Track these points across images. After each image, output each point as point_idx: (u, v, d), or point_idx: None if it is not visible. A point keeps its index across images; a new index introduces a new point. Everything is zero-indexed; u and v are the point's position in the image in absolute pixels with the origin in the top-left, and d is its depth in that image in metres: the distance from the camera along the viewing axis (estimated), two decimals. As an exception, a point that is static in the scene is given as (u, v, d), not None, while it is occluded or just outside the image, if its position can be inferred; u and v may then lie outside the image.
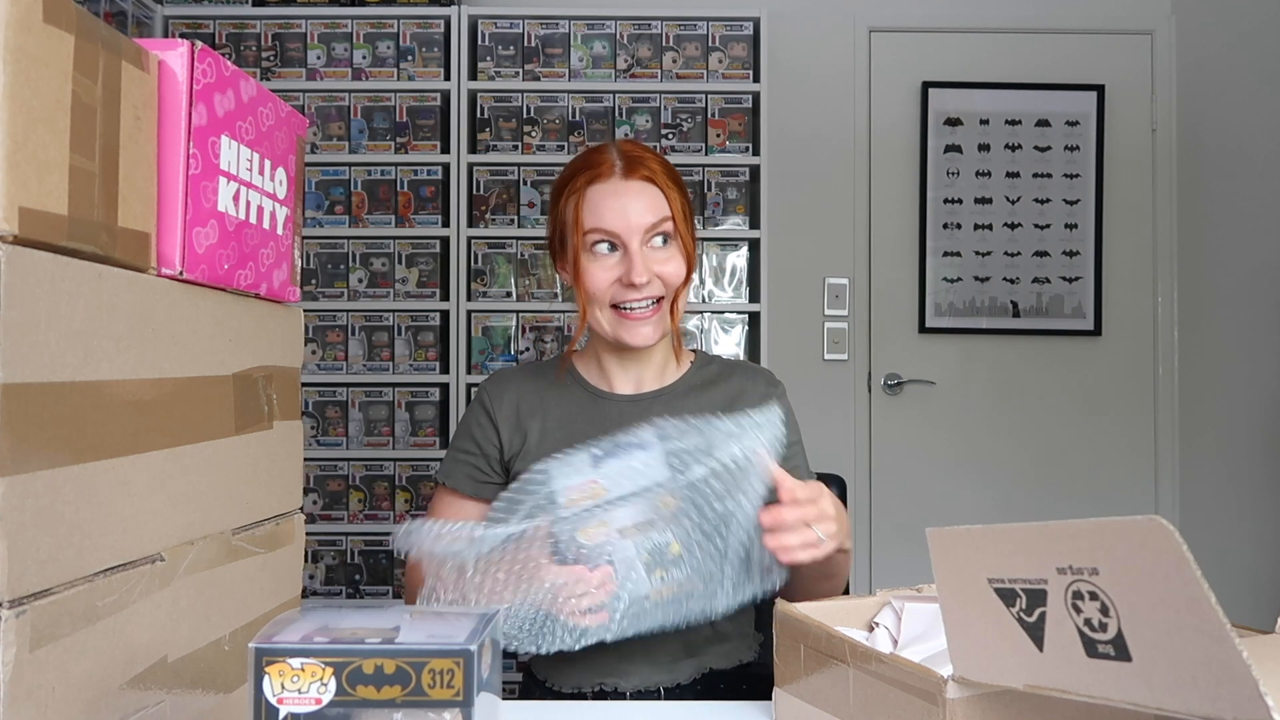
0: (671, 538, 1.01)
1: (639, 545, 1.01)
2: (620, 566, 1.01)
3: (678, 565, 1.02)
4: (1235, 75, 3.21)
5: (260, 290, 0.86)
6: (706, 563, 1.02)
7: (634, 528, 1.01)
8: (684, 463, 1.01)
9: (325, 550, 2.93)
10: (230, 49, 2.99)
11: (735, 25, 3.03)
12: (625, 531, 1.01)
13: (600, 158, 1.23)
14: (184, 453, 0.74)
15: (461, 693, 0.59)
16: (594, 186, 1.20)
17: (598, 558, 1.00)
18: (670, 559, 1.02)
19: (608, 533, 1.00)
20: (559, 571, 0.99)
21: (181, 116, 0.72)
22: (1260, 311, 3.13)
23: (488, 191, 3.01)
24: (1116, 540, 0.55)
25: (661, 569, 1.02)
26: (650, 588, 1.02)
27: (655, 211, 1.20)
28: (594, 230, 1.20)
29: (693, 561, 1.02)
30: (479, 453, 1.29)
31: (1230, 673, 0.50)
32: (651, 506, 1.01)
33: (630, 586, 1.01)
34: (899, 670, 0.73)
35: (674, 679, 1.22)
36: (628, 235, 1.19)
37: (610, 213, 1.19)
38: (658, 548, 1.01)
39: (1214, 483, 3.24)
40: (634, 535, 1.01)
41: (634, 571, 1.01)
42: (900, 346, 3.30)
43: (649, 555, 1.02)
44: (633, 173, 1.20)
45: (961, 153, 3.30)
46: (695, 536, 1.02)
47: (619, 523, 1.00)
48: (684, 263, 1.22)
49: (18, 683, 0.56)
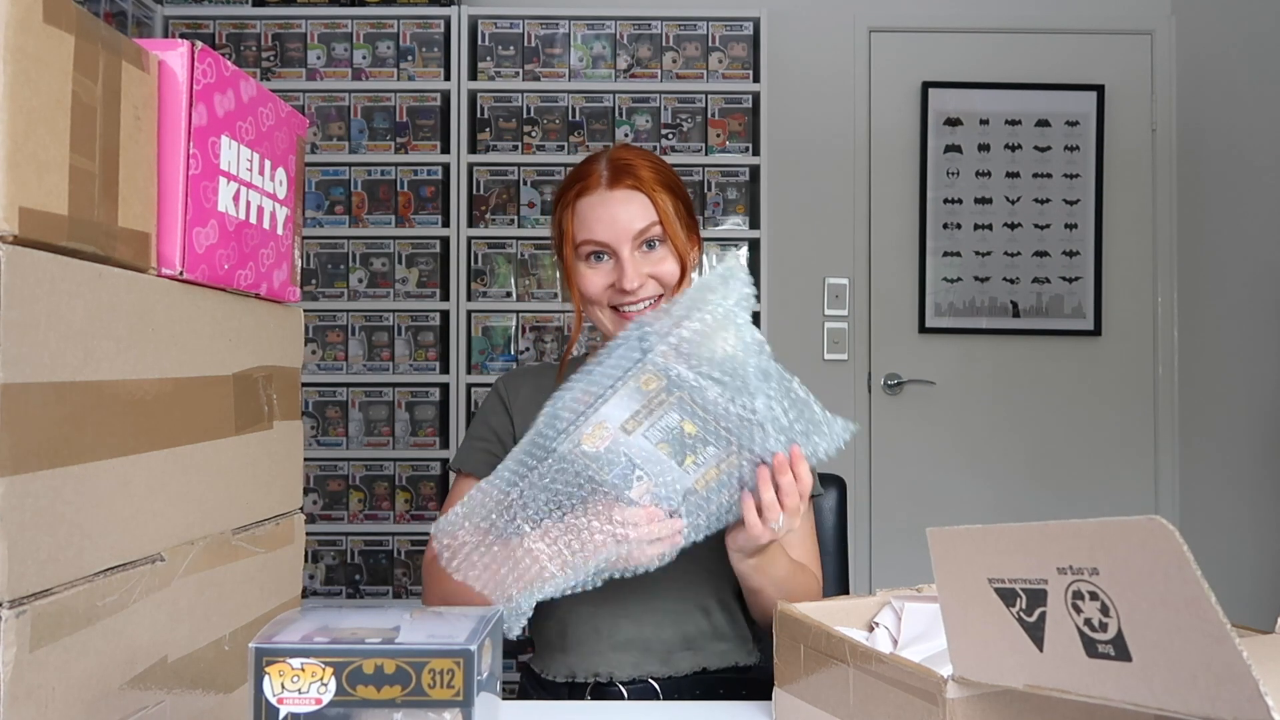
0: (676, 417, 0.96)
1: (649, 436, 0.96)
2: (647, 465, 0.96)
3: (702, 443, 0.97)
4: (1235, 75, 3.21)
5: (260, 290, 0.86)
6: (729, 425, 0.97)
7: (631, 419, 0.96)
8: (651, 339, 0.98)
9: (325, 550, 2.93)
10: (230, 49, 2.99)
11: (735, 25, 3.03)
12: (626, 426, 0.96)
13: (589, 169, 1.26)
14: (184, 453, 0.74)
15: (461, 693, 0.59)
16: (582, 199, 1.24)
17: (613, 463, 0.95)
18: (689, 440, 0.97)
19: (610, 432, 0.96)
20: (629, 513, 0.95)
21: (181, 116, 0.72)
22: (1260, 311, 3.13)
23: (488, 191, 3.01)
24: (1117, 540, 0.55)
25: (690, 454, 0.97)
26: (690, 477, 0.97)
27: (642, 218, 1.22)
28: (585, 242, 1.23)
29: (714, 431, 0.97)
30: (495, 439, 1.31)
31: (1230, 673, 0.50)
32: (636, 390, 0.96)
33: (667, 481, 0.96)
34: (899, 670, 0.73)
35: (669, 671, 1.22)
36: (617, 243, 1.22)
37: (598, 223, 1.22)
38: (670, 432, 0.96)
39: (1214, 483, 3.23)
40: (638, 428, 0.96)
41: (663, 467, 0.96)
42: (900, 346, 3.30)
43: (667, 445, 0.96)
44: (618, 182, 1.23)
45: (961, 153, 3.30)
46: (697, 403, 0.96)
47: (614, 419, 0.96)
48: (678, 262, 1.24)
49: (18, 683, 0.56)
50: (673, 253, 1.24)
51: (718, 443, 0.98)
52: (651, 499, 0.96)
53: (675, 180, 1.28)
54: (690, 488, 0.98)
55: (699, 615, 1.23)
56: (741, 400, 0.97)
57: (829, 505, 1.52)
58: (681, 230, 1.25)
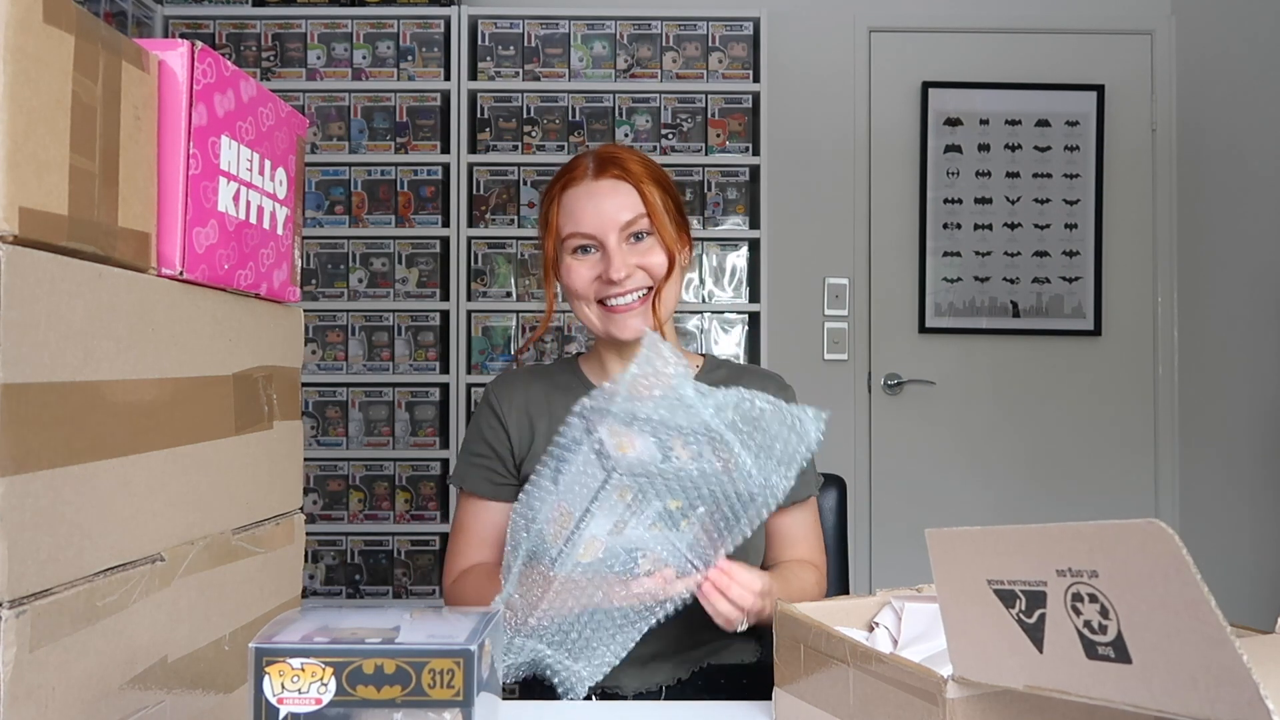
0: (659, 504, 0.98)
1: (639, 527, 0.98)
2: (649, 546, 0.98)
3: (690, 507, 0.99)
4: (1235, 75, 3.21)
5: (260, 290, 0.86)
6: (709, 485, 0.98)
7: (616, 525, 0.98)
8: (606, 449, 0.98)
9: (325, 550, 2.93)
10: (230, 49, 2.99)
11: (735, 25, 3.03)
12: (615, 530, 0.98)
13: (575, 163, 1.25)
14: (184, 453, 0.74)
15: (461, 693, 0.59)
16: (568, 191, 1.23)
17: (614, 559, 0.98)
18: (678, 511, 0.98)
19: (602, 541, 0.98)
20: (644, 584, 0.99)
21: (181, 116, 0.72)
22: (1260, 311, 3.13)
23: (488, 191, 3.01)
24: (1116, 543, 0.55)
25: (684, 519, 0.99)
26: (690, 534, 0.99)
27: (629, 209, 1.20)
28: (572, 234, 1.22)
29: (698, 493, 0.98)
30: (493, 454, 1.29)
31: (1230, 675, 0.50)
32: (614, 504, 0.97)
33: (673, 548, 0.99)
34: (899, 670, 0.73)
35: (676, 675, 1.23)
36: (603, 234, 1.20)
37: (584, 214, 1.20)
38: (658, 514, 0.98)
39: (1214, 483, 3.23)
40: (625, 527, 0.98)
41: (662, 539, 0.98)
42: (900, 346, 3.30)
43: (659, 524, 0.98)
44: (603, 172, 1.21)
45: (961, 153, 3.30)
46: (672, 484, 0.98)
47: (602, 530, 0.98)
48: (666, 255, 1.22)
49: (18, 683, 0.56)
50: (661, 245, 1.22)
51: (706, 500, 0.99)
52: (657, 565, 1.00)
53: (664, 176, 1.26)
54: (692, 542, 1.01)
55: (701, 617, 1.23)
56: (708, 455, 0.98)
57: (829, 505, 1.52)
58: (670, 224, 1.23)
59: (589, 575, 0.98)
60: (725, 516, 1.00)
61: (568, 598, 1.00)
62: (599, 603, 1.00)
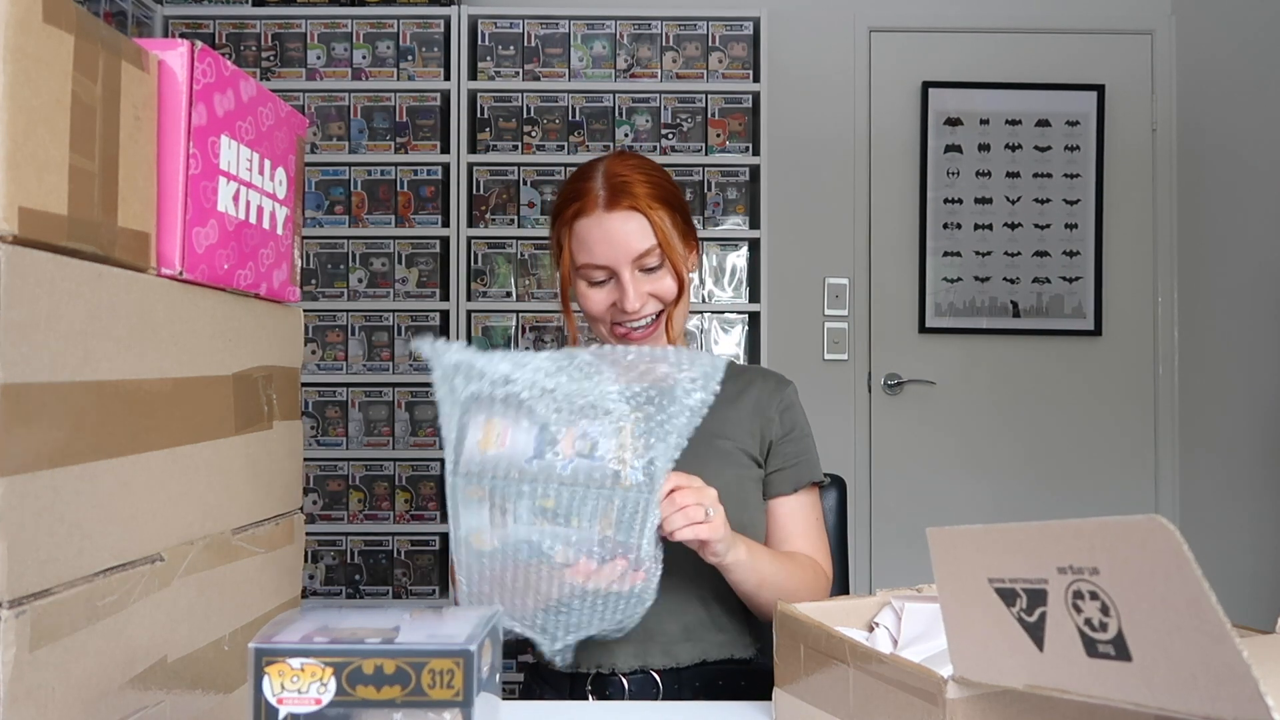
0: (528, 501, 0.96)
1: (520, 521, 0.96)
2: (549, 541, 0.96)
3: (579, 504, 0.96)
4: (1235, 75, 3.21)
5: (260, 290, 0.86)
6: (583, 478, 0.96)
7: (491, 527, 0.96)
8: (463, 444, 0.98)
9: (325, 550, 2.93)
10: (230, 49, 2.99)
11: (735, 25, 3.03)
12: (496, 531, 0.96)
13: (585, 187, 1.25)
14: (184, 453, 0.74)
15: (461, 693, 0.59)
16: (580, 221, 1.23)
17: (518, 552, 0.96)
18: (557, 511, 0.96)
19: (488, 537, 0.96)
20: (564, 575, 0.98)
21: (181, 116, 0.72)
22: (1260, 311, 3.12)
23: (488, 191, 3.01)
24: (1117, 540, 0.55)
25: (574, 517, 0.96)
26: (596, 530, 0.97)
27: (641, 240, 1.22)
28: (585, 266, 1.24)
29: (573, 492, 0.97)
30: None
31: (1231, 673, 0.50)
32: (471, 503, 0.96)
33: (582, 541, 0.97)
34: (899, 670, 0.73)
35: (670, 662, 1.23)
36: (617, 266, 1.22)
37: (598, 246, 1.22)
38: (536, 511, 0.96)
39: (1214, 483, 3.23)
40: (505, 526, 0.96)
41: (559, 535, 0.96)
42: (900, 346, 3.30)
43: (541, 520, 0.97)
44: (615, 204, 1.22)
45: (961, 153, 3.30)
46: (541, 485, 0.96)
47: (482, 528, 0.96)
48: (676, 280, 1.25)
49: (18, 683, 0.56)
50: (671, 271, 1.25)
51: (590, 497, 0.97)
52: (569, 555, 0.97)
53: (671, 191, 1.27)
54: (599, 536, 0.97)
55: (698, 606, 1.24)
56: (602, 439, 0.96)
57: (829, 505, 1.52)
58: (679, 245, 1.26)
59: (497, 565, 0.97)
60: (622, 509, 0.97)
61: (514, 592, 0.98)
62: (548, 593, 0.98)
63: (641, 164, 1.28)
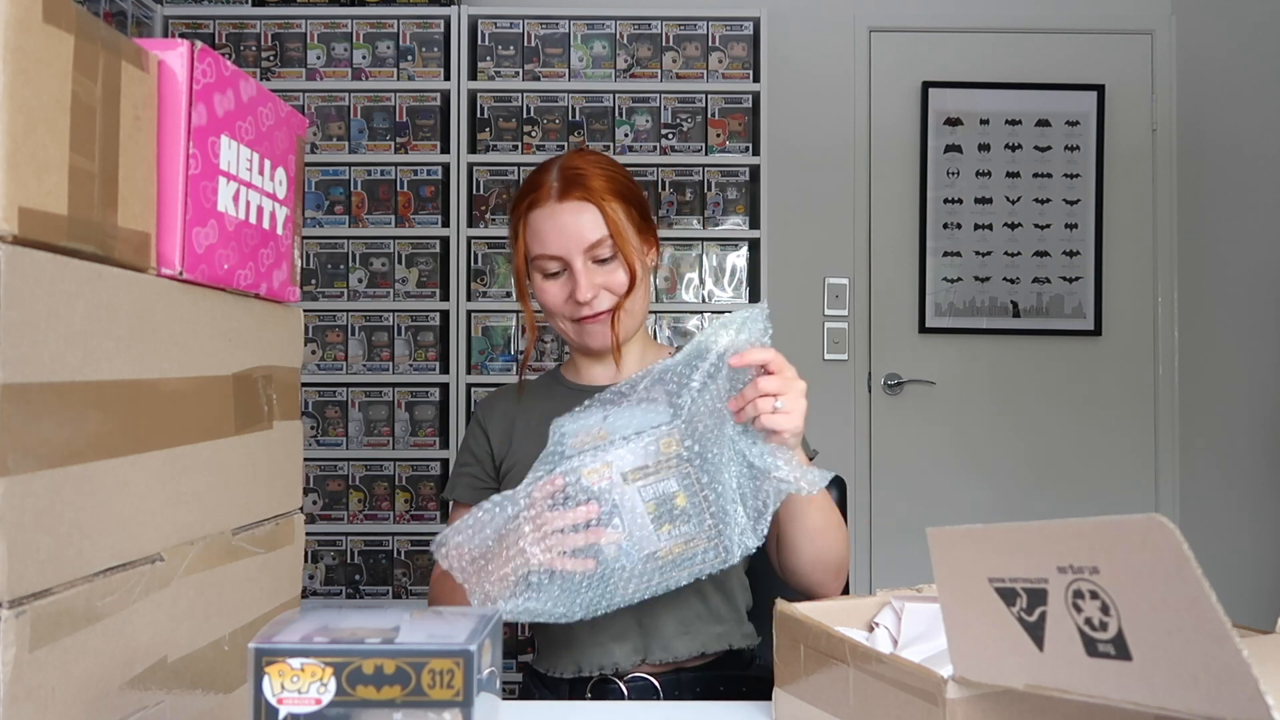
0: (677, 486, 1.00)
1: (643, 493, 1.00)
2: (626, 517, 0.99)
3: (685, 519, 1.00)
4: (1235, 75, 3.21)
5: (260, 290, 0.86)
6: (711, 511, 1.00)
7: (637, 471, 1.00)
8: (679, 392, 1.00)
9: (325, 550, 2.93)
10: (230, 49, 2.99)
11: (735, 25, 3.03)
12: (628, 476, 1.00)
13: (540, 179, 1.26)
14: (184, 453, 0.74)
15: (461, 693, 0.59)
16: (534, 212, 1.25)
17: (603, 504, 0.99)
18: (677, 512, 1.00)
19: (611, 474, 0.99)
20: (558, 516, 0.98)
21: (181, 116, 0.72)
22: (1260, 311, 3.13)
23: (488, 191, 3.01)
24: (1117, 539, 0.55)
25: (669, 523, 1.00)
26: (659, 544, 1.00)
27: (593, 230, 1.22)
28: (539, 256, 1.25)
29: (699, 514, 1.00)
30: (474, 460, 1.35)
31: (1231, 672, 0.50)
32: (655, 447, 1.00)
33: (638, 539, 1.00)
34: (899, 670, 0.73)
35: (667, 656, 1.23)
36: (569, 256, 1.23)
37: (550, 235, 1.23)
38: (663, 497, 1.00)
39: (1214, 483, 3.23)
40: (637, 480, 1.00)
41: (640, 522, 0.99)
42: (900, 346, 3.30)
43: (655, 506, 1.00)
44: (567, 194, 1.23)
45: (961, 153, 3.30)
46: (700, 482, 1.00)
47: (622, 465, 0.99)
48: (628, 273, 1.25)
49: (18, 683, 0.56)
50: (624, 264, 1.25)
51: (698, 523, 1.01)
52: (615, 549, 1.00)
53: (627, 185, 1.27)
54: (653, 553, 1.01)
55: (695, 599, 1.24)
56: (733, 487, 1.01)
57: (829, 505, 1.51)
58: (634, 238, 1.26)
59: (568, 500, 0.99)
60: (691, 554, 1.02)
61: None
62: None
63: (599, 159, 1.28)
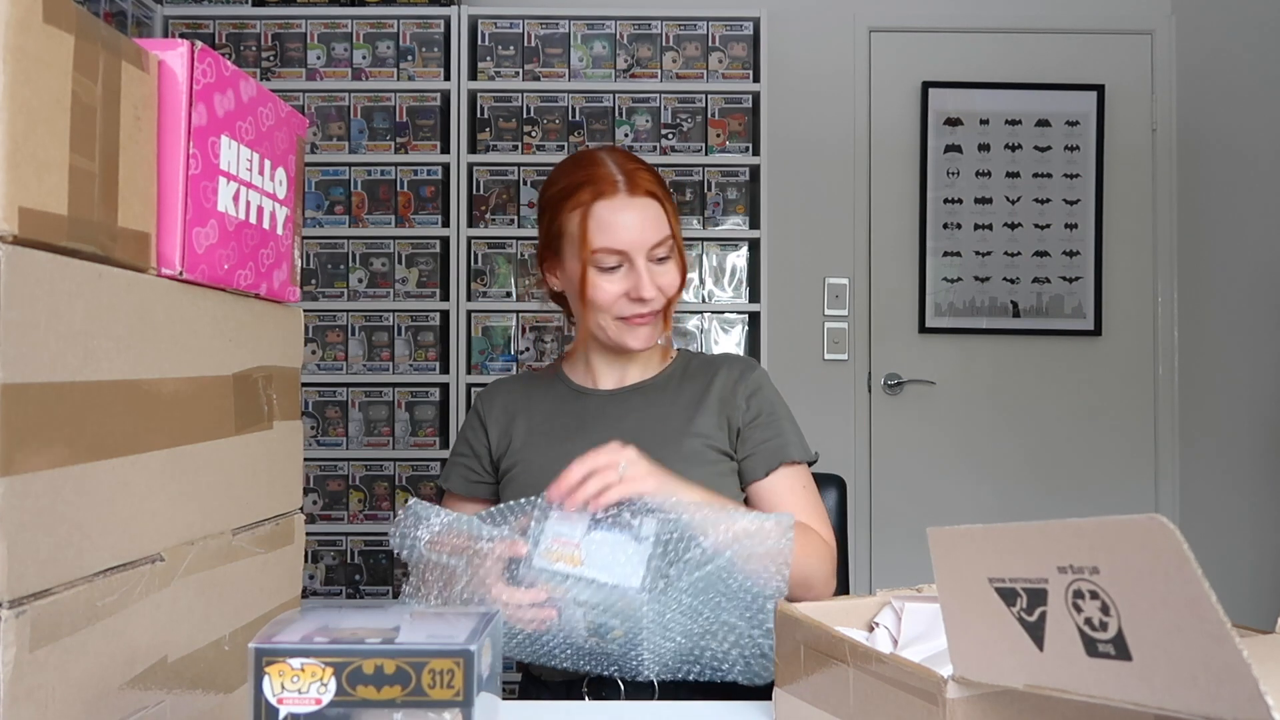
0: (618, 627, 1.02)
1: (586, 616, 1.02)
2: (564, 623, 1.02)
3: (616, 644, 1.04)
4: (1235, 75, 3.21)
5: (260, 290, 0.86)
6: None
7: (588, 604, 1.01)
8: (662, 570, 1.00)
9: (325, 550, 2.93)
10: (230, 49, 2.99)
11: (735, 25, 3.03)
12: (580, 603, 1.01)
13: (601, 172, 1.23)
14: (184, 453, 0.74)
15: (461, 693, 0.59)
16: (600, 203, 1.21)
17: (551, 602, 1.02)
18: (611, 639, 1.03)
19: (566, 594, 1.01)
20: (505, 591, 1.01)
21: (181, 116, 0.72)
22: (1260, 311, 3.13)
23: (488, 191, 3.01)
24: (1117, 539, 0.55)
25: (598, 639, 1.04)
26: (587, 641, 1.04)
27: (660, 229, 1.23)
28: (603, 250, 1.21)
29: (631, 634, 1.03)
30: (471, 454, 1.35)
31: (1231, 672, 0.50)
32: (615, 600, 1.01)
33: (570, 637, 1.04)
34: (899, 670, 0.73)
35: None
36: (635, 253, 1.22)
37: (621, 229, 1.21)
38: (603, 627, 1.02)
39: (1214, 483, 3.23)
40: (584, 608, 1.02)
41: (578, 630, 1.03)
42: (900, 346, 3.30)
43: (592, 630, 1.03)
44: (636, 189, 1.22)
45: (961, 153, 3.30)
46: (646, 629, 1.02)
47: (579, 596, 1.01)
48: (679, 274, 1.26)
49: (18, 683, 0.56)
50: (676, 264, 1.26)
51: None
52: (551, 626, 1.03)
53: (667, 185, 1.30)
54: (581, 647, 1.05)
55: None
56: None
57: (829, 505, 1.52)
58: (681, 240, 1.28)
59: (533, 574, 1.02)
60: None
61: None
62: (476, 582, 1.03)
63: (640, 160, 1.29)
